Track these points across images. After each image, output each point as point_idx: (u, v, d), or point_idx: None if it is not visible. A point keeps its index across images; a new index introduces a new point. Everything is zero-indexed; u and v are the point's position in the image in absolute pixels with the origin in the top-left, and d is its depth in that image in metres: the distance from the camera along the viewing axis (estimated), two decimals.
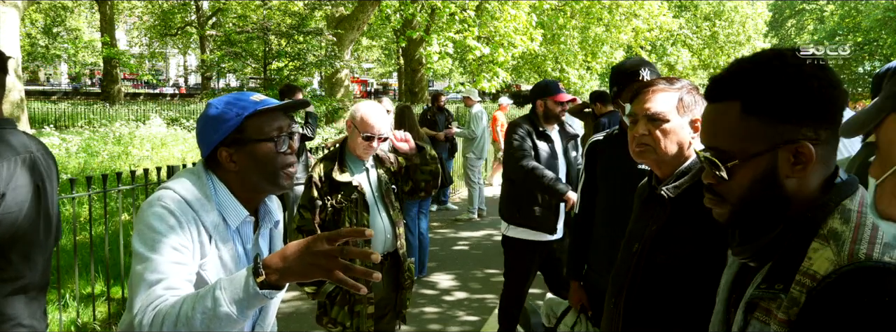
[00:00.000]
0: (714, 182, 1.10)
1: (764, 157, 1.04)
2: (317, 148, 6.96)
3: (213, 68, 8.50)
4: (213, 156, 1.53)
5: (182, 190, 1.46)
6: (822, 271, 0.95)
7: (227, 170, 1.52)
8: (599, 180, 2.62)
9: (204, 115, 1.54)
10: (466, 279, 5.79)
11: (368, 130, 2.74)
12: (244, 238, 1.56)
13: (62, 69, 44.61)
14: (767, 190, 1.05)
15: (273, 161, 1.50)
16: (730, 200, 1.09)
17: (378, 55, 41.32)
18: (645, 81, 1.84)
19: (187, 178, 1.50)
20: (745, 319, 1.05)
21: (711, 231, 1.63)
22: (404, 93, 19.25)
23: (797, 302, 0.96)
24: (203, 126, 1.53)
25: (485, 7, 15.13)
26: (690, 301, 1.63)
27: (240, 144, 1.49)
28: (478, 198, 8.46)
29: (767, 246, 1.06)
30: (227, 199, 1.51)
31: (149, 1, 30.38)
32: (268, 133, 1.50)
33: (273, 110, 1.52)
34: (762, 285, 1.04)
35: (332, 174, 2.77)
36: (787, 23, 44.10)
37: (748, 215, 1.09)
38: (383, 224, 2.85)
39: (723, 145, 1.07)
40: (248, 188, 1.53)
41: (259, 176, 1.51)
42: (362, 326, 2.77)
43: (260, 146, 1.49)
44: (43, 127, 15.64)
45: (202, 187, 1.49)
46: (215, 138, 1.49)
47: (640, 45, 22.12)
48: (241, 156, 1.49)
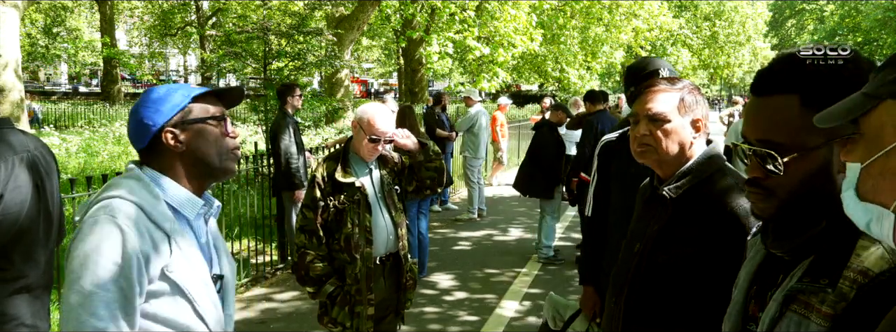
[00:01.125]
0: (762, 177, 1.09)
1: (820, 151, 1.04)
2: (317, 148, 6.97)
3: (213, 68, 8.50)
4: (153, 146, 1.44)
5: (128, 194, 1.36)
6: (876, 268, 0.96)
7: (171, 156, 1.43)
8: (613, 181, 2.54)
9: (144, 99, 1.46)
10: (466, 278, 5.79)
11: (375, 133, 2.74)
12: (197, 232, 1.49)
13: (62, 69, 44.58)
14: (820, 185, 1.06)
15: (222, 141, 1.47)
16: (779, 194, 1.08)
17: (378, 55, 41.30)
18: (646, 82, 1.84)
19: (126, 182, 1.40)
20: (781, 311, 1.05)
21: (712, 231, 1.64)
22: (404, 93, 19.25)
23: (845, 297, 0.97)
24: (144, 110, 1.44)
25: (485, 7, 15.13)
26: (691, 301, 1.63)
27: (186, 123, 1.43)
28: (478, 198, 8.46)
29: (809, 241, 1.06)
30: (178, 191, 1.44)
31: (149, 1, 30.38)
32: (214, 113, 1.47)
33: (212, 95, 1.50)
34: (805, 278, 1.04)
35: (334, 175, 2.78)
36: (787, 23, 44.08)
37: (795, 209, 1.09)
38: (386, 225, 2.85)
39: (778, 139, 1.06)
40: (195, 174, 1.47)
41: (207, 157, 1.46)
42: (362, 327, 2.77)
43: (207, 126, 1.45)
44: (43, 127, 15.63)
45: (147, 186, 1.39)
46: (158, 120, 1.42)
47: (640, 45, 22.12)
48: (188, 135, 1.43)
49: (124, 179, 1.42)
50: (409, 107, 6.52)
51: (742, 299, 1.21)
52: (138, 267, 1.30)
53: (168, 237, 1.36)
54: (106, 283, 1.26)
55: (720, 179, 1.71)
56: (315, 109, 9.46)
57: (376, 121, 2.75)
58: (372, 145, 2.76)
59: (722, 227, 1.62)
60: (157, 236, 1.35)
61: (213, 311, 1.44)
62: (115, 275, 1.26)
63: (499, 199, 9.94)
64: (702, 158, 1.73)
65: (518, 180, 6.60)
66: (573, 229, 7.72)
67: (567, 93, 24.08)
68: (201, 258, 1.45)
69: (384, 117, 2.77)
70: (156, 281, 1.34)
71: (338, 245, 2.78)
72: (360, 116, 2.80)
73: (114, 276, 1.26)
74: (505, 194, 10.38)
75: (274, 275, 5.80)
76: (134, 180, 1.41)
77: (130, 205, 1.34)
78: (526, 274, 5.95)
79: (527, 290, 5.48)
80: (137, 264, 1.29)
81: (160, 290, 1.35)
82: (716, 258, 1.59)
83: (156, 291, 1.34)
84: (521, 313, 4.94)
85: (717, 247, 1.61)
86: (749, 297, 1.19)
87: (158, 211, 1.37)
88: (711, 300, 1.49)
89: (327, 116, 9.42)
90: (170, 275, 1.34)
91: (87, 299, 1.25)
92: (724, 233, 1.61)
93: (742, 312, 1.20)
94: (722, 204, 1.65)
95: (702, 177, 1.71)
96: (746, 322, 1.18)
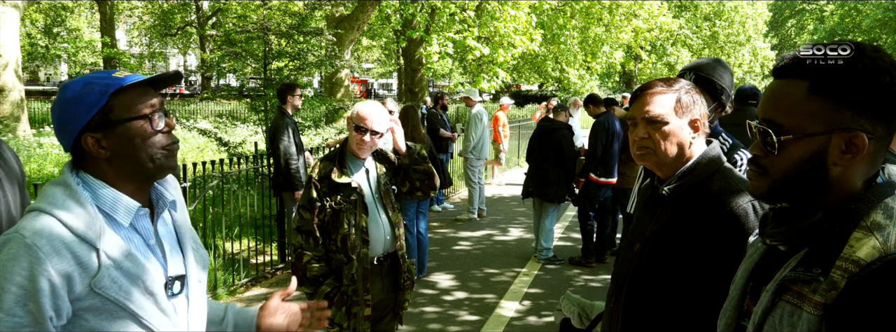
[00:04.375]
0: (760, 154, 1.12)
1: (817, 139, 1.06)
2: (317, 148, 6.97)
3: (213, 68, 8.48)
4: (77, 150, 1.32)
5: (49, 207, 1.25)
6: (868, 258, 0.98)
7: (97, 160, 1.31)
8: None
9: (59, 98, 1.31)
10: (466, 278, 5.79)
11: (361, 123, 2.74)
12: (144, 234, 1.37)
13: (62, 69, 44.58)
14: (812, 172, 1.07)
15: (150, 141, 1.32)
16: (772, 174, 1.11)
17: (378, 55, 41.32)
18: (642, 84, 1.83)
19: (52, 190, 1.29)
20: (773, 301, 1.07)
21: (711, 231, 1.63)
22: (404, 93, 19.24)
23: (836, 286, 0.98)
24: (61, 112, 1.30)
25: (485, 7, 15.12)
26: (689, 300, 1.63)
27: (108, 126, 1.29)
28: (478, 198, 8.46)
29: (805, 231, 1.08)
30: (109, 195, 1.31)
31: (149, 1, 30.38)
32: (139, 110, 1.31)
33: (141, 85, 1.33)
34: (798, 268, 1.05)
35: (331, 175, 2.78)
36: (787, 23, 44.09)
37: (785, 192, 1.11)
38: (383, 225, 2.85)
39: (780, 120, 1.08)
40: (128, 178, 1.34)
41: (137, 161, 1.32)
42: (359, 327, 2.77)
43: (132, 126, 1.31)
44: (43, 127, 15.64)
45: (72, 193, 1.27)
46: (77, 124, 1.28)
47: (640, 45, 22.12)
48: (112, 140, 1.30)
49: (52, 186, 1.31)
50: (412, 107, 6.51)
51: (738, 294, 1.22)
52: (52, 289, 1.20)
53: (96, 251, 1.25)
54: (12, 308, 1.18)
55: (719, 179, 1.71)
56: (315, 109, 9.46)
57: (363, 112, 2.75)
58: (359, 136, 2.76)
59: (721, 227, 1.62)
60: (80, 251, 1.23)
61: (165, 318, 1.34)
62: (21, 299, 1.18)
63: (499, 199, 9.94)
64: (701, 158, 1.73)
65: (534, 185, 6.31)
66: (573, 228, 7.73)
67: (567, 93, 24.09)
68: (148, 264, 1.33)
69: (372, 110, 2.77)
70: (85, 299, 1.24)
71: (334, 246, 2.78)
72: (352, 110, 2.82)
73: (21, 300, 1.18)
74: (505, 193, 10.38)
75: (274, 275, 5.81)
76: (61, 188, 1.29)
77: (50, 219, 1.23)
78: (526, 274, 5.95)
79: (527, 290, 5.48)
80: (49, 286, 1.19)
81: (92, 306, 1.25)
82: (714, 258, 1.59)
83: (88, 307, 1.25)
84: (521, 313, 4.94)
85: (716, 247, 1.61)
86: (745, 293, 1.21)
87: (84, 223, 1.25)
88: (710, 299, 1.49)
89: (327, 116, 9.41)
90: (99, 291, 1.24)
91: None
92: (722, 233, 1.61)
93: (737, 307, 1.21)
94: (721, 204, 1.65)
95: (701, 177, 1.71)
96: (741, 318, 1.19)
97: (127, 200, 1.33)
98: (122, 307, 1.27)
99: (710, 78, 2.20)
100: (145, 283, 1.31)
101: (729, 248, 1.57)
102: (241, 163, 5.66)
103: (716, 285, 1.49)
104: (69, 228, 1.24)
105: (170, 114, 1.38)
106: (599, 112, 6.49)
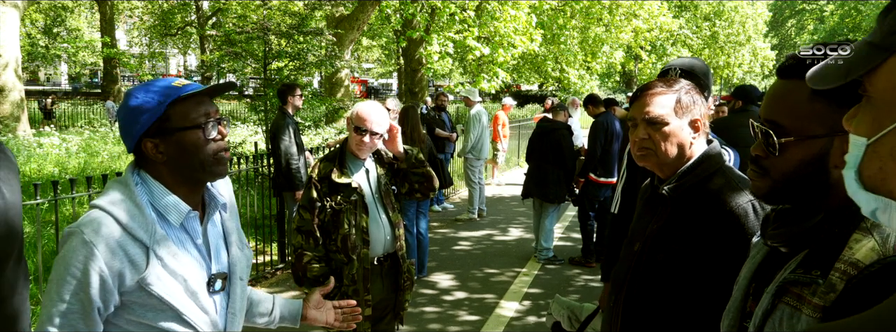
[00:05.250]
0: (762, 155, 1.12)
1: (818, 141, 1.05)
2: (317, 148, 6.97)
3: (213, 68, 8.49)
4: (138, 152, 1.44)
5: (109, 206, 1.37)
6: (866, 260, 0.97)
7: (155, 163, 1.43)
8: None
9: (124, 105, 1.43)
10: (466, 278, 5.79)
11: (360, 123, 2.73)
12: (192, 234, 1.47)
13: (62, 69, 44.58)
14: (812, 174, 1.07)
15: (202, 149, 1.42)
16: (773, 175, 1.11)
17: (378, 55, 41.30)
18: (642, 85, 1.84)
19: (114, 189, 1.41)
20: (773, 303, 1.07)
21: (711, 231, 1.64)
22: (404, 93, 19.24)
23: (835, 289, 0.98)
24: (124, 118, 1.42)
25: (485, 7, 15.12)
26: (689, 300, 1.63)
27: (165, 133, 1.40)
28: (478, 198, 8.46)
29: (806, 233, 1.08)
30: (164, 196, 1.43)
31: (149, 1, 30.38)
32: (194, 120, 1.41)
33: (198, 95, 1.43)
34: (798, 270, 1.05)
35: (331, 176, 2.78)
36: (787, 23, 44.08)
37: (786, 193, 1.11)
38: (383, 225, 2.85)
39: (782, 121, 1.08)
40: (182, 180, 1.45)
41: (189, 166, 1.43)
42: (360, 327, 2.77)
43: (187, 135, 1.41)
44: (43, 127, 15.63)
45: (130, 194, 1.39)
46: (137, 130, 1.40)
47: (640, 45, 22.12)
48: (168, 146, 1.41)
49: (114, 184, 1.43)
50: (412, 107, 6.50)
51: (741, 296, 1.22)
52: (102, 283, 1.33)
53: (146, 249, 1.37)
54: (66, 295, 1.33)
55: (720, 178, 1.71)
56: (315, 109, 9.46)
57: (362, 112, 2.74)
58: (358, 137, 2.75)
59: (720, 226, 1.62)
60: (131, 249, 1.35)
61: (204, 316, 1.46)
62: (75, 289, 1.33)
63: (499, 199, 9.94)
64: (701, 158, 1.73)
65: (534, 185, 6.30)
66: (572, 229, 7.73)
67: (567, 93, 24.08)
68: (193, 262, 1.45)
69: (372, 110, 2.75)
70: (133, 292, 1.37)
71: (335, 246, 2.78)
72: (351, 110, 2.82)
73: (74, 290, 1.33)
74: (505, 193, 10.38)
75: (274, 275, 5.81)
76: (121, 187, 1.41)
77: (108, 219, 1.35)
78: (526, 274, 5.95)
79: (527, 290, 5.48)
80: (100, 280, 1.33)
81: (139, 299, 1.38)
82: (714, 258, 1.59)
83: (136, 300, 1.38)
84: (521, 313, 4.94)
85: (716, 246, 1.61)
86: (748, 295, 1.20)
87: (138, 222, 1.37)
88: (710, 299, 1.49)
89: (327, 116, 9.42)
90: (147, 288, 1.36)
91: (50, 307, 1.34)
92: (722, 233, 1.61)
93: (740, 309, 1.21)
94: (721, 203, 1.65)
95: (701, 177, 1.71)
96: (744, 319, 1.19)
97: (179, 203, 1.44)
98: (165, 303, 1.38)
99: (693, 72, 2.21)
100: (188, 282, 1.42)
101: (729, 247, 1.57)
102: (241, 163, 5.66)
103: (716, 284, 1.49)
104: (124, 227, 1.35)
105: (224, 122, 1.48)
106: (599, 112, 6.50)
